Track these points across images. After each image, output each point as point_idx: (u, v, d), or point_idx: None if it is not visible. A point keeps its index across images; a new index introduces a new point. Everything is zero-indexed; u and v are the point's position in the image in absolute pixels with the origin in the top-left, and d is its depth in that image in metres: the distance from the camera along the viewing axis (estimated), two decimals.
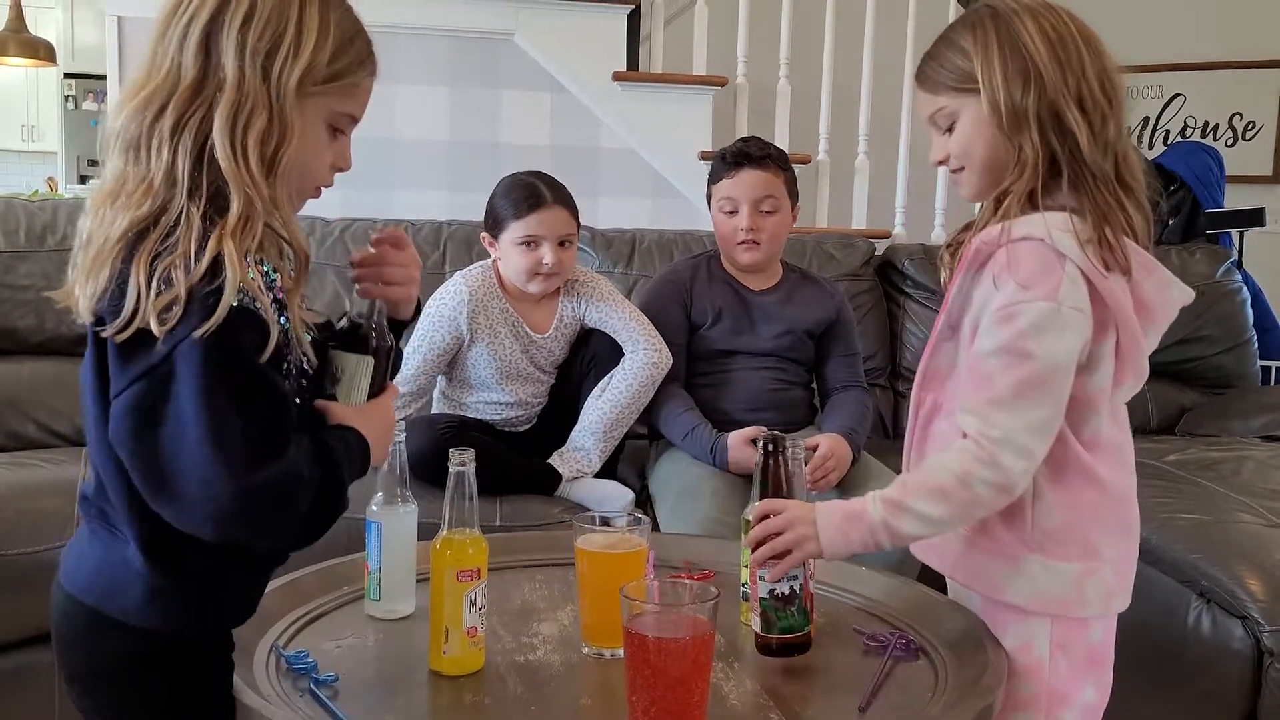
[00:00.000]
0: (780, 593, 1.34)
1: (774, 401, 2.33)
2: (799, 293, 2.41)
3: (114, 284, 0.98)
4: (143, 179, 1.00)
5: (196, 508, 0.99)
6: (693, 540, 1.87)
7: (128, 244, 0.98)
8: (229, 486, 0.97)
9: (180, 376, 0.97)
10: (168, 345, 0.96)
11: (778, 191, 2.32)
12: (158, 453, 0.98)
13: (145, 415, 0.98)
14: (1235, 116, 5.60)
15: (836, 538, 1.32)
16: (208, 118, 1.00)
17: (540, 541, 1.79)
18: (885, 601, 1.55)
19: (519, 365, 2.28)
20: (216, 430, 0.97)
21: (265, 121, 1.01)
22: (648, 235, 2.97)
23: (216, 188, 1.00)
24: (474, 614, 1.30)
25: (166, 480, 0.99)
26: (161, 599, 1.06)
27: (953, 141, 1.35)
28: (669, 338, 2.32)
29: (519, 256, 2.21)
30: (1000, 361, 1.26)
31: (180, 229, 0.98)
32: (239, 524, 1.00)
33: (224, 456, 0.97)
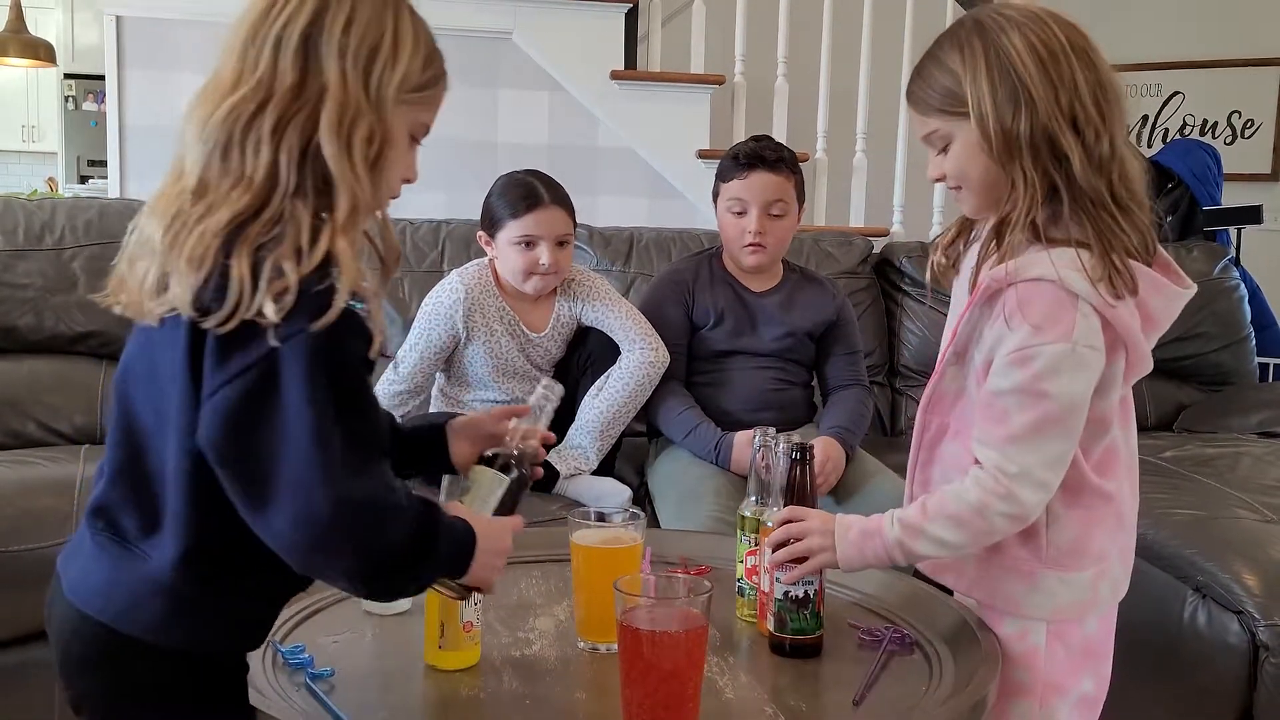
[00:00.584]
0: (795, 595, 1.36)
1: (774, 401, 2.33)
2: (800, 294, 2.41)
3: (216, 275, 0.96)
4: (239, 176, 1.00)
5: (290, 514, 0.95)
6: (689, 536, 1.87)
7: (227, 237, 0.97)
8: (328, 493, 0.95)
9: (287, 373, 0.94)
10: (276, 338, 0.94)
11: (788, 195, 2.32)
12: (258, 453, 0.95)
13: (246, 413, 0.95)
14: (1234, 114, 5.60)
15: (852, 552, 1.36)
16: (310, 119, 1.00)
17: (537, 538, 1.79)
18: (881, 596, 1.56)
19: (516, 364, 2.29)
20: (322, 433, 0.95)
21: (369, 127, 1.01)
22: (645, 234, 2.98)
23: (320, 187, 1.00)
24: (470, 608, 1.30)
25: (265, 482, 0.95)
26: (186, 616, 1.03)
27: (948, 163, 1.33)
28: (669, 337, 2.32)
29: (516, 256, 2.22)
30: (1016, 401, 1.26)
31: (286, 223, 0.97)
32: (330, 537, 0.96)
33: (326, 460, 0.95)
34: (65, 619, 1.06)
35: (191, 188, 1.01)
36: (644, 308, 2.38)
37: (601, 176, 3.34)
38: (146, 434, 1.04)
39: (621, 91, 3.37)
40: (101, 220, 2.61)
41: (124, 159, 3.15)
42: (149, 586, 1.02)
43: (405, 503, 1.02)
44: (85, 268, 2.55)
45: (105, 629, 1.03)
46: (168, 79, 3.15)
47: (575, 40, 3.34)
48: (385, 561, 1.00)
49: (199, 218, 0.98)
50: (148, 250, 1.02)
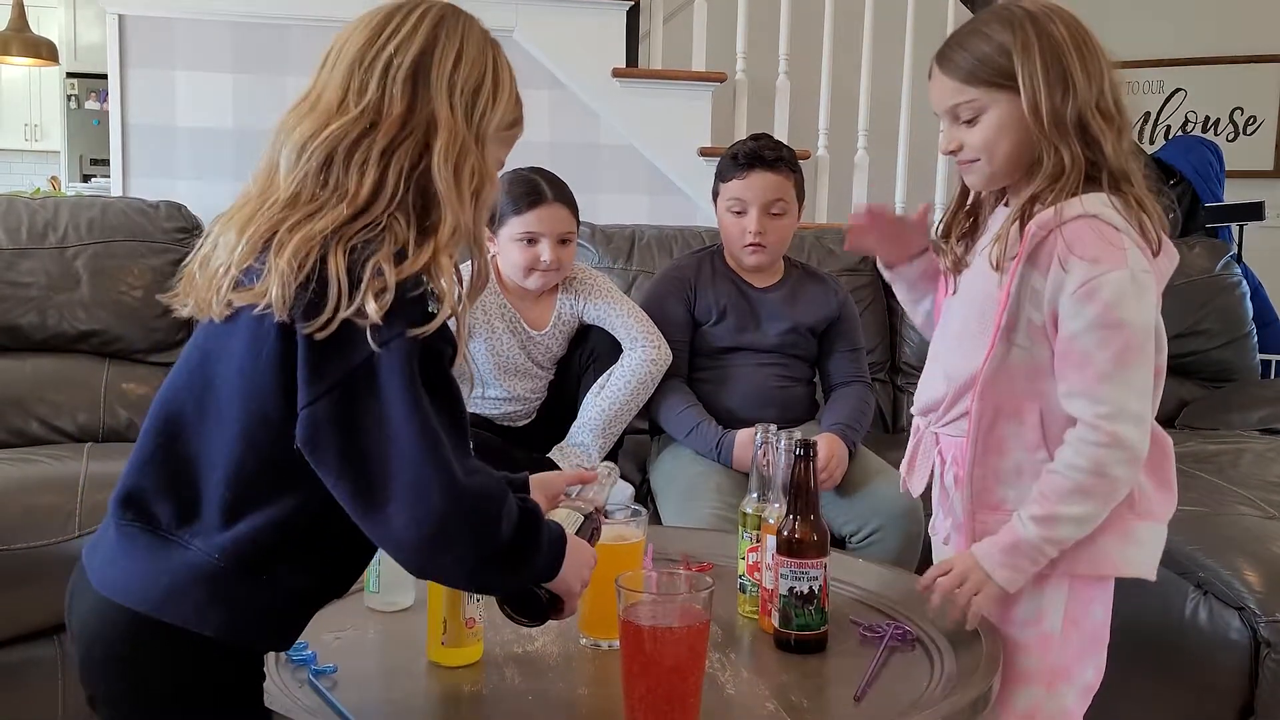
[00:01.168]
0: (800, 591, 1.36)
1: (777, 399, 2.33)
2: (802, 290, 2.41)
3: (315, 280, 0.97)
4: (341, 192, 1.02)
5: (410, 513, 0.98)
6: (691, 533, 1.88)
7: (324, 243, 0.99)
8: (445, 487, 0.98)
9: (388, 376, 0.97)
10: (380, 339, 0.96)
11: (788, 195, 2.32)
12: (370, 456, 0.97)
13: (353, 417, 0.97)
14: (1236, 111, 5.60)
15: (1008, 572, 1.37)
16: (416, 147, 1.04)
17: None
18: (882, 593, 1.56)
19: (517, 361, 2.29)
20: (428, 434, 0.98)
21: (474, 160, 1.06)
22: (647, 231, 2.97)
23: (419, 209, 1.04)
24: (472, 605, 1.31)
25: (381, 485, 0.97)
26: (225, 603, 1.02)
27: (974, 134, 1.38)
28: (671, 334, 2.32)
29: (518, 253, 2.22)
30: (1095, 338, 1.30)
31: (385, 231, 1.00)
32: (449, 530, 0.99)
33: (437, 457, 0.98)
34: (92, 611, 1.05)
35: (285, 198, 1.03)
36: (646, 304, 2.38)
37: (603, 174, 3.34)
38: (194, 423, 1.04)
39: (623, 89, 3.37)
40: (104, 218, 2.61)
41: (126, 157, 3.15)
42: (190, 574, 1.01)
43: (510, 496, 1.05)
44: (88, 266, 2.55)
45: (139, 619, 1.02)
46: (170, 77, 3.15)
47: (577, 38, 3.34)
48: (498, 552, 1.03)
49: (298, 222, 1.00)
50: (225, 251, 1.03)
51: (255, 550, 1.01)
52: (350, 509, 0.99)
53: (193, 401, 1.04)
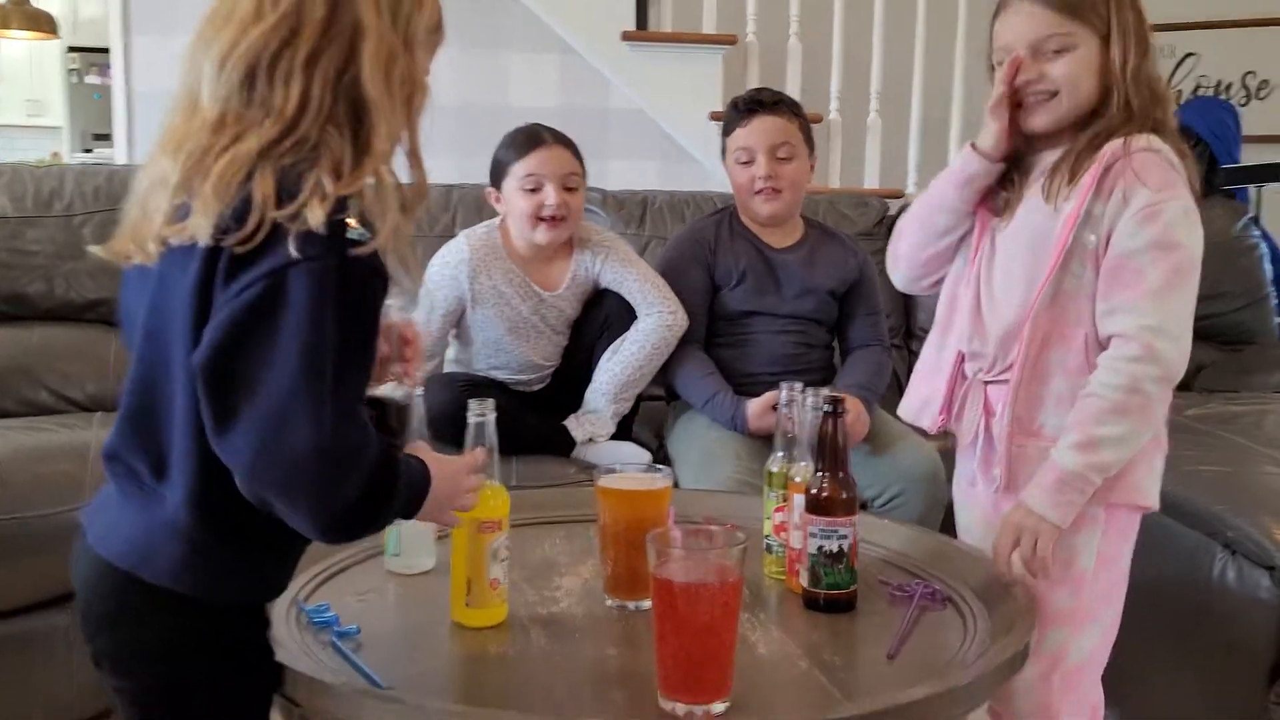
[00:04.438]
0: (829, 550, 1.34)
1: (795, 363, 2.30)
2: (821, 251, 2.37)
3: (239, 200, 0.94)
4: (267, 108, 0.98)
5: (257, 438, 0.92)
6: (713, 496, 1.85)
7: (252, 164, 0.95)
8: (309, 431, 0.91)
9: (294, 296, 0.92)
10: (299, 248, 0.91)
11: (793, 138, 2.28)
12: (243, 371, 0.92)
13: (244, 329, 0.92)
14: (1248, 75, 5.53)
15: (1060, 510, 1.37)
16: (342, 53, 1.00)
17: (559, 498, 1.78)
18: (909, 552, 1.54)
19: (530, 323, 2.26)
20: (313, 369, 0.92)
21: (404, 65, 1.02)
22: (659, 196, 2.94)
23: (351, 120, 1.00)
24: (497, 566, 1.29)
25: (241, 401, 0.92)
26: (200, 560, 1.01)
27: (1060, 67, 1.41)
28: (689, 299, 2.28)
29: (522, 200, 2.18)
30: (1150, 256, 1.35)
31: (319, 146, 0.97)
32: (293, 480, 0.93)
33: (310, 400, 0.92)
34: (90, 569, 1.05)
35: (212, 121, 0.99)
36: (663, 268, 2.35)
37: (613, 139, 3.30)
38: (154, 375, 1.02)
39: (632, 53, 3.32)
40: (110, 186, 2.58)
41: (131, 126, 3.11)
42: (166, 531, 1.01)
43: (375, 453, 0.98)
44: (95, 234, 2.52)
45: (127, 578, 1.01)
46: (174, 45, 3.08)
47: (585, 1, 3.29)
48: (340, 515, 0.97)
49: (225, 146, 0.97)
50: (160, 187, 1.00)
51: (219, 501, 0.98)
52: (206, 422, 0.94)
53: (152, 350, 1.02)
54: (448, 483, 1.12)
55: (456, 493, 1.14)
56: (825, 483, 1.36)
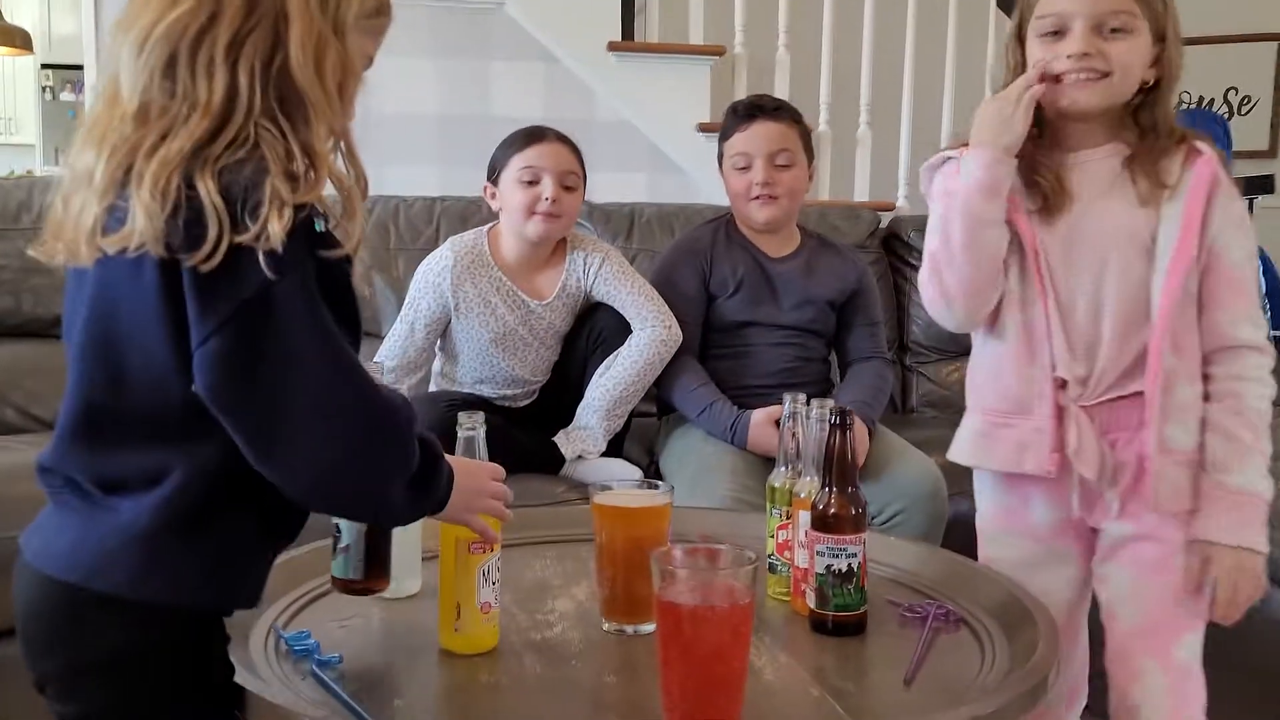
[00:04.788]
0: (838, 569, 1.27)
1: (792, 375, 2.24)
2: (820, 261, 2.32)
3: (185, 208, 0.89)
4: (192, 100, 0.92)
5: (322, 446, 0.93)
6: (708, 513, 1.78)
7: (186, 165, 0.90)
8: (364, 404, 0.95)
9: (287, 305, 0.90)
10: (274, 264, 0.88)
11: (793, 145, 2.23)
12: (272, 390, 0.91)
13: (250, 353, 0.90)
14: (1230, 91, 5.54)
15: (1251, 532, 1.35)
16: (266, 38, 0.94)
17: (549, 518, 1.72)
18: (917, 571, 1.47)
19: (517, 335, 2.19)
20: (341, 357, 0.94)
21: (335, 53, 0.97)
22: (647, 209, 2.89)
23: (285, 110, 0.95)
24: (487, 588, 1.22)
25: (285, 417, 0.92)
26: (164, 562, 0.96)
27: (1118, 47, 1.37)
28: (684, 308, 2.23)
29: (518, 193, 2.12)
30: (1250, 265, 1.37)
31: (257, 146, 0.92)
32: (367, 451, 0.95)
33: (352, 378, 0.94)
34: (31, 589, 0.99)
35: (133, 112, 0.93)
36: (658, 276, 2.29)
37: (599, 151, 3.20)
38: (102, 385, 0.97)
39: (619, 63, 3.28)
40: None
41: None
42: (120, 537, 0.96)
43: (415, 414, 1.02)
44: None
45: (73, 590, 0.96)
46: None
47: (571, 10, 3.25)
48: (411, 474, 1.00)
49: (153, 146, 0.91)
50: (84, 184, 0.95)
51: (185, 505, 0.95)
52: (250, 450, 0.92)
53: (100, 360, 0.97)
54: (471, 479, 1.12)
55: (481, 491, 1.14)
56: (833, 499, 1.29)
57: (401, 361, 2.18)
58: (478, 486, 1.14)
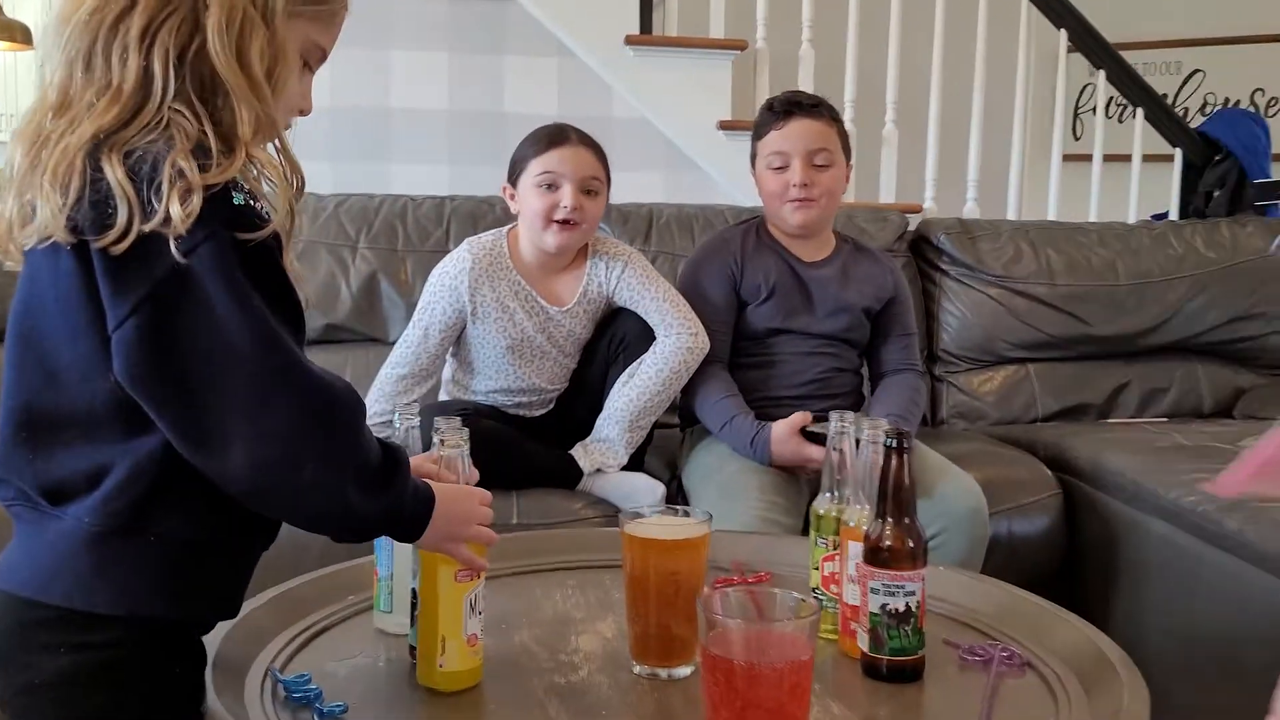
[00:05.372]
0: (894, 609, 1.15)
1: (824, 387, 2.13)
2: (856, 267, 2.20)
3: (89, 190, 0.87)
4: (105, 87, 0.90)
5: (255, 437, 0.88)
6: (740, 537, 1.65)
7: (92, 149, 0.88)
8: (296, 387, 0.89)
9: (203, 283, 0.86)
10: (185, 246, 0.86)
11: (831, 144, 2.12)
12: (192, 376, 0.87)
13: (165, 336, 0.87)
14: (1257, 92, 5.42)
15: None
16: (186, 24, 0.91)
17: (569, 541, 1.59)
18: (977, 608, 1.35)
19: (535, 343, 2.07)
20: (264, 334, 0.88)
21: (263, 39, 0.93)
22: (666, 210, 2.77)
23: (204, 96, 0.92)
24: (474, 619, 1.12)
25: (212, 405, 0.88)
26: (117, 571, 0.92)
27: None
28: (712, 314, 2.11)
29: (536, 199, 2.00)
30: None
31: (169, 129, 0.89)
32: (305, 439, 0.90)
33: (280, 359, 0.89)
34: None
35: (54, 104, 0.92)
36: (685, 280, 2.18)
37: (615, 149, 3.07)
38: (37, 383, 0.94)
39: (636, 58, 3.16)
40: None
41: None
42: (68, 544, 0.92)
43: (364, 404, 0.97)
44: None
45: (27, 607, 0.92)
46: None
47: (586, 2, 3.13)
48: (362, 465, 0.94)
49: (61, 134, 0.89)
50: (7, 181, 0.93)
51: (128, 505, 0.91)
52: (180, 443, 0.89)
53: (31, 357, 0.95)
54: (457, 504, 1.06)
55: (468, 517, 1.08)
56: (888, 530, 1.17)
57: (414, 369, 2.06)
58: (463, 513, 1.07)
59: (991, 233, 2.87)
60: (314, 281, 2.49)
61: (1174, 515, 1.97)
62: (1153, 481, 2.07)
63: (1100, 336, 2.80)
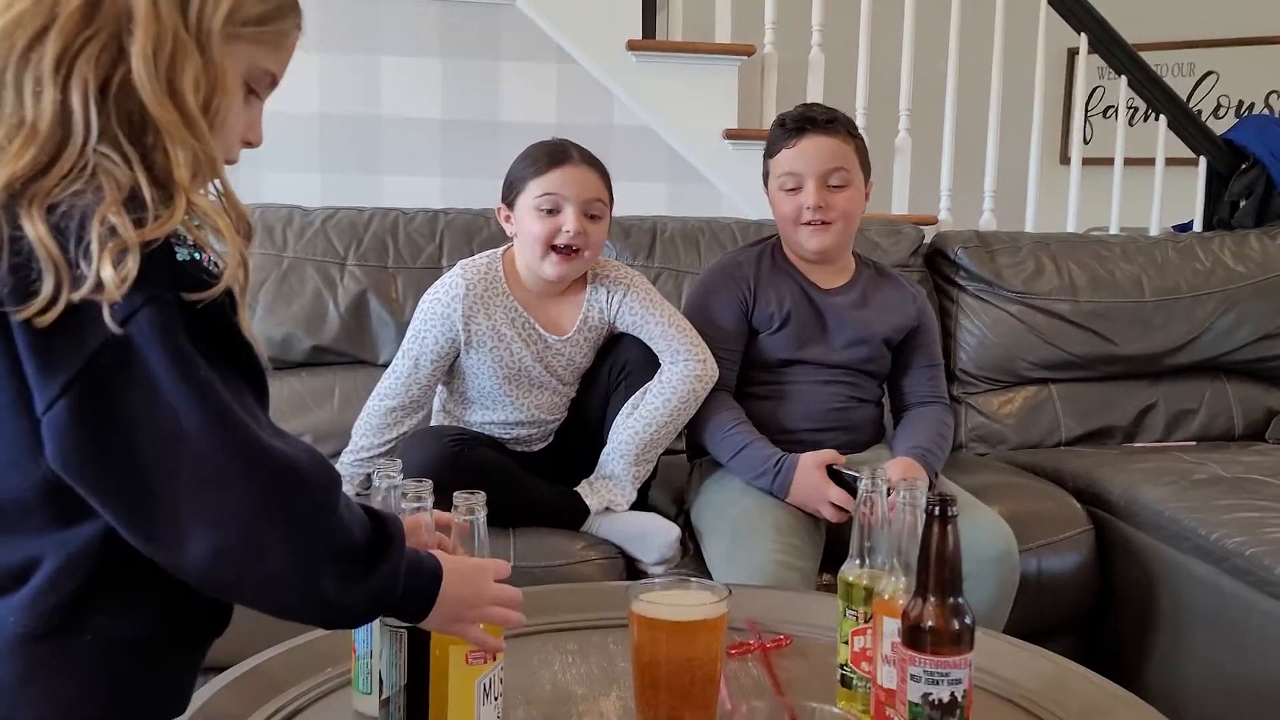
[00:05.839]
0: (937, 699, 1.02)
1: (841, 419, 2.00)
2: (876, 294, 2.07)
3: (8, 252, 0.78)
4: (17, 126, 0.80)
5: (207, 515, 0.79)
6: (757, 593, 1.52)
7: (7, 202, 0.78)
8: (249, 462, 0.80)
9: (147, 353, 0.77)
10: (121, 314, 0.76)
11: (848, 162, 1.98)
12: (136, 459, 0.78)
13: (103, 417, 0.78)
14: (1272, 95, 5.30)
15: None
16: (108, 51, 0.81)
17: (568, 598, 1.47)
18: (1022, 683, 1.21)
19: (532, 373, 1.93)
20: (212, 408, 0.79)
21: (197, 67, 0.84)
22: (669, 224, 2.64)
23: (132, 135, 0.81)
24: (489, 707, 1.01)
25: (161, 489, 0.79)
26: (46, 678, 0.82)
27: None
28: (722, 342, 1.98)
29: (535, 223, 1.86)
30: None
31: (96, 176, 0.79)
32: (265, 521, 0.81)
33: (230, 434, 0.79)
34: None
35: None
36: (693, 304, 2.04)
37: (616, 159, 2.95)
38: None
39: (639, 63, 3.04)
40: None
41: None
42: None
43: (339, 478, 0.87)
44: None
45: None
46: None
47: (587, 6, 3.01)
48: (336, 546, 0.84)
49: None
50: None
51: (60, 603, 0.82)
52: (129, 533, 0.80)
53: None
54: (466, 581, 0.96)
55: (479, 597, 0.98)
56: (931, 609, 1.03)
57: (404, 400, 1.93)
58: (474, 592, 0.97)
59: (1010, 246, 2.74)
60: (300, 301, 2.37)
61: (1219, 558, 1.84)
62: (1194, 519, 1.93)
63: (1126, 355, 2.68)
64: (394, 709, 1.04)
